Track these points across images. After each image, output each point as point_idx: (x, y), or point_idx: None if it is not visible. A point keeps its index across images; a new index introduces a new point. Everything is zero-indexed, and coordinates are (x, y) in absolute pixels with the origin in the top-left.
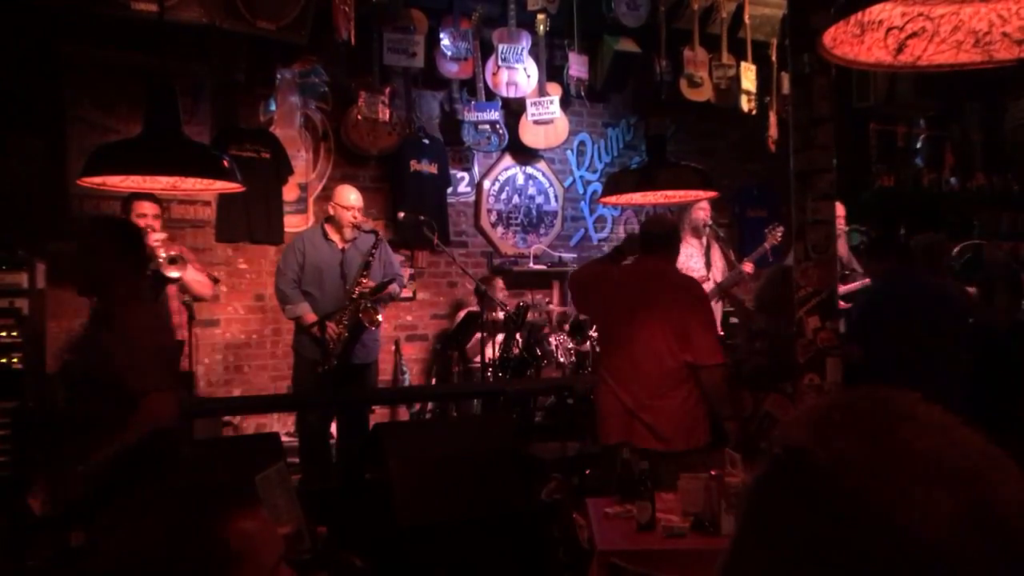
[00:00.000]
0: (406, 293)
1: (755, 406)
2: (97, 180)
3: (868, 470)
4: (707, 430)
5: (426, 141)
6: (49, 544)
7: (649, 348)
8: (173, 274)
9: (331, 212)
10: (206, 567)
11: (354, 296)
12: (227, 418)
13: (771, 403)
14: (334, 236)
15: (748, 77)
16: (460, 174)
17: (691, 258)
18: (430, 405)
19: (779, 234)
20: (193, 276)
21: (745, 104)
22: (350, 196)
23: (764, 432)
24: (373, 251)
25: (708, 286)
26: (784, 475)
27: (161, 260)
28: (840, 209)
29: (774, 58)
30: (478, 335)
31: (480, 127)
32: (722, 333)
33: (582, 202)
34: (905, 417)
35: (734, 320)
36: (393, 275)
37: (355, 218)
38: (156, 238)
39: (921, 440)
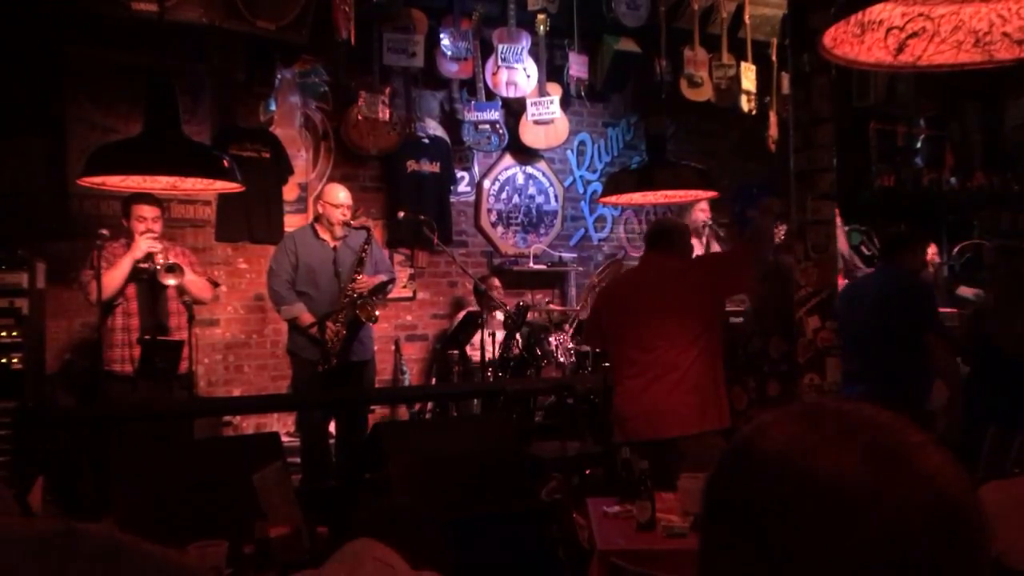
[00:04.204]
0: (406, 293)
1: (759, 391)
2: (97, 180)
3: (789, 437)
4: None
5: (426, 141)
6: None
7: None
8: (169, 281)
9: (320, 211)
10: None
11: (350, 294)
12: (227, 418)
13: (774, 347)
14: (325, 235)
15: (748, 77)
16: (460, 174)
17: None
18: (430, 405)
19: (782, 232)
20: (192, 281)
21: (745, 104)
22: (339, 194)
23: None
24: (366, 247)
25: None
26: (731, 462)
27: (159, 267)
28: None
29: (774, 58)
30: (478, 335)
31: (480, 127)
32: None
33: (582, 202)
34: (830, 405)
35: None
36: (387, 272)
37: (344, 216)
38: (157, 245)
39: (837, 412)
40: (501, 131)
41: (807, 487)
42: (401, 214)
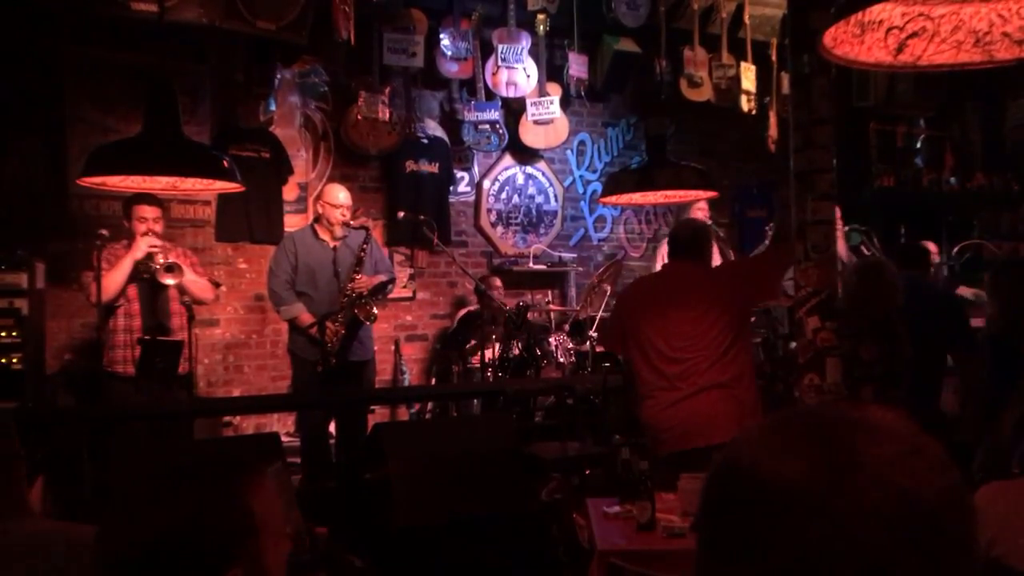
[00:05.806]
0: (406, 293)
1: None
2: (97, 180)
3: (756, 443)
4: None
5: (425, 141)
6: None
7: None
8: (168, 281)
9: (319, 211)
10: (235, 538)
11: (349, 294)
12: (227, 418)
13: (866, 350)
14: (324, 235)
15: (748, 77)
16: (460, 174)
17: None
18: (430, 405)
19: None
20: (193, 281)
21: (745, 104)
22: (339, 195)
23: None
24: (364, 247)
25: None
26: (712, 468)
27: (157, 267)
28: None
29: (774, 58)
30: (477, 335)
31: (480, 127)
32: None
33: (582, 202)
34: (804, 410)
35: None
36: (387, 271)
37: (344, 216)
38: (155, 244)
39: (798, 418)
40: (501, 131)
41: (754, 491)
42: (401, 214)
